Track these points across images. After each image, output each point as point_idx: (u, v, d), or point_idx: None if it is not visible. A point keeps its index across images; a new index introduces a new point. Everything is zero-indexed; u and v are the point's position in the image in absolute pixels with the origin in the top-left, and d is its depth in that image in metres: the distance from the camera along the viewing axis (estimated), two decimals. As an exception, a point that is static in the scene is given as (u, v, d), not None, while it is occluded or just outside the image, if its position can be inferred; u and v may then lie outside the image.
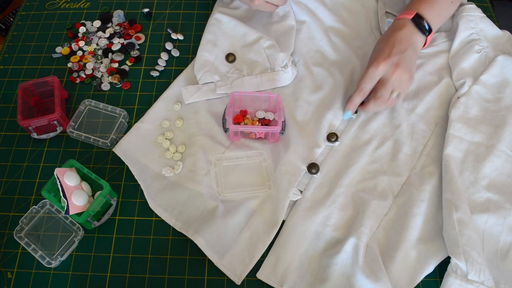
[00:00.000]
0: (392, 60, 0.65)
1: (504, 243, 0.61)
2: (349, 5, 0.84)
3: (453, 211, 0.60)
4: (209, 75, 0.75)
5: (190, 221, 0.64)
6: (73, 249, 0.63)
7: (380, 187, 0.66)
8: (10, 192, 0.68)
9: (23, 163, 0.70)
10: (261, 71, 0.76)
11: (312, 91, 0.75)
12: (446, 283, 0.57)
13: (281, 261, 0.61)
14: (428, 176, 0.66)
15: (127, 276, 0.61)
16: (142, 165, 0.68)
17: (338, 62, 0.78)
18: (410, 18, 0.69)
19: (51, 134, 0.72)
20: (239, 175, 0.67)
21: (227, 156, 0.69)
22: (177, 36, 0.84)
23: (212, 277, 0.61)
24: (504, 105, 0.71)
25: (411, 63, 0.67)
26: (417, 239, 0.61)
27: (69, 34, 0.84)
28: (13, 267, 0.62)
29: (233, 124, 0.68)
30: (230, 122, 0.67)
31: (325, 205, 0.64)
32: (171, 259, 0.63)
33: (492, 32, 0.78)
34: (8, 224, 0.65)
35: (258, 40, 0.77)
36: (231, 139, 0.70)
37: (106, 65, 0.80)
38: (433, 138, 0.70)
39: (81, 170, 0.64)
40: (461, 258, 0.57)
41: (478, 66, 0.75)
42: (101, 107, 0.73)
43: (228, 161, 0.68)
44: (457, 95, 0.72)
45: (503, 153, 0.67)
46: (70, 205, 0.59)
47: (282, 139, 0.70)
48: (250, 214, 0.64)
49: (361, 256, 0.59)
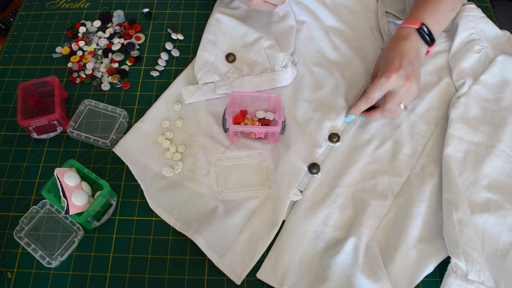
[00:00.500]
0: (403, 72, 0.64)
1: (504, 243, 0.61)
2: (349, 5, 0.84)
3: (453, 211, 0.60)
4: (209, 75, 0.75)
5: (190, 221, 0.64)
6: (73, 249, 0.63)
7: (380, 187, 0.66)
8: (10, 192, 0.68)
9: (23, 163, 0.70)
10: (261, 71, 0.76)
11: (312, 91, 0.75)
12: (446, 283, 0.57)
13: (281, 261, 0.61)
14: (428, 176, 0.66)
15: (127, 276, 0.61)
16: (142, 165, 0.68)
17: (338, 62, 0.78)
18: (415, 28, 0.68)
19: (51, 134, 0.72)
20: (239, 175, 0.67)
21: (227, 156, 0.69)
22: (177, 36, 0.84)
23: (212, 277, 0.61)
24: (504, 105, 0.71)
25: (419, 75, 0.67)
26: (417, 239, 0.61)
27: (69, 34, 0.84)
28: (13, 267, 0.62)
29: (233, 124, 0.68)
30: (230, 122, 0.67)
31: (325, 205, 0.64)
32: (171, 259, 0.63)
33: (492, 32, 0.78)
34: (8, 224, 0.65)
35: (258, 40, 0.77)
36: (231, 139, 0.70)
37: (106, 65, 0.80)
38: (433, 138, 0.70)
39: (81, 170, 0.64)
40: (461, 258, 0.56)
41: (478, 66, 0.75)
42: (101, 107, 0.73)
43: (228, 161, 0.68)
44: (457, 95, 0.72)
45: (503, 153, 0.67)
46: (70, 205, 0.59)
47: (282, 139, 0.70)
48: (250, 214, 0.64)
49: (361, 256, 0.59)
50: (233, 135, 0.70)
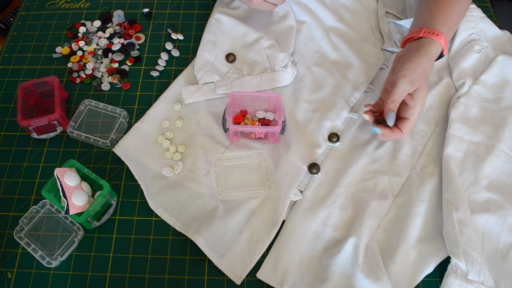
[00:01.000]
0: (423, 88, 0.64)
1: (504, 243, 0.61)
2: (349, 5, 0.84)
3: (453, 211, 0.60)
4: (209, 75, 0.75)
5: (190, 221, 0.64)
6: (73, 249, 0.63)
7: (380, 187, 0.66)
8: (10, 192, 0.68)
9: (23, 163, 0.70)
10: (261, 71, 0.76)
11: (312, 91, 0.75)
12: (446, 283, 0.57)
13: (281, 261, 0.61)
14: (428, 176, 0.66)
15: (127, 276, 0.61)
16: (142, 165, 0.68)
17: (338, 62, 0.78)
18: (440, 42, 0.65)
19: (51, 134, 0.72)
20: (239, 175, 0.67)
21: (227, 156, 0.69)
22: (177, 36, 0.84)
23: (212, 277, 0.61)
24: (504, 105, 0.71)
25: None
26: (417, 239, 0.61)
27: (69, 34, 0.84)
28: (13, 267, 0.62)
29: (233, 124, 0.68)
30: (230, 122, 0.67)
31: (325, 205, 0.64)
32: (171, 259, 0.63)
33: (492, 32, 0.78)
34: (8, 224, 0.65)
35: (258, 40, 0.77)
36: (231, 139, 0.70)
37: (106, 65, 0.80)
38: (433, 138, 0.70)
39: (81, 170, 0.64)
40: (461, 258, 0.56)
41: (478, 66, 0.75)
42: (101, 107, 0.73)
43: (228, 161, 0.68)
44: (457, 95, 0.72)
45: (503, 153, 0.67)
46: (70, 205, 0.59)
47: (282, 139, 0.70)
48: (250, 214, 0.64)
49: (361, 256, 0.59)
50: (233, 135, 0.70)
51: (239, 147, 0.70)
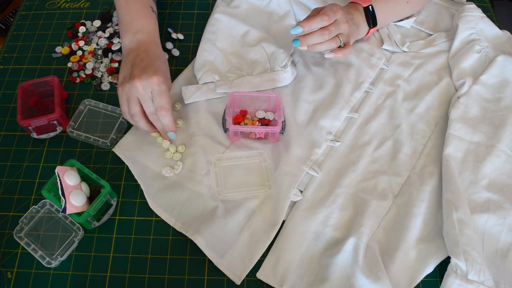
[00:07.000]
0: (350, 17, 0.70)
1: (504, 243, 0.61)
2: (349, 5, 0.84)
3: (453, 211, 0.60)
4: (209, 74, 0.75)
5: (190, 221, 0.64)
6: (73, 249, 0.63)
7: (380, 187, 0.66)
8: (10, 192, 0.68)
9: (23, 163, 0.70)
10: (261, 71, 0.75)
11: (312, 91, 0.75)
12: (446, 283, 0.57)
13: (281, 261, 0.61)
14: (428, 176, 0.66)
15: (127, 276, 0.61)
16: (142, 165, 0.68)
17: (338, 62, 0.78)
18: (363, 6, 0.73)
19: (51, 134, 0.72)
20: (239, 175, 0.67)
21: (227, 156, 0.69)
22: (177, 36, 0.84)
23: (212, 277, 0.61)
24: (504, 105, 0.71)
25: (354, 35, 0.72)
26: (417, 239, 0.61)
27: (69, 33, 0.84)
28: (13, 267, 0.62)
29: (233, 124, 0.68)
30: (230, 122, 0.67)
31: (325, 205, 0.64)
32: (171, 259, 0.63)
33: (492, 32, 0.78)
34: (8, 224, 0.65)
35: (258, 40, 0.77)
36: (231, 139, 0.70)
37: (106, 65, 0.80)
38: (433, 138, 0.70)
39: (81, 170, 0.64)
40: (461, 258, 0.57)
41: (478, 66, 0.75)
42: (101, 107, 0.73)
43: (228, 161, 0.68)
44: (457, 95, 0.72)
45: (503, 153, 0.67)
46: (68, 204, 0.59)
47: (282, 139, 0.70)
48: (250, 214, 0.64)
49: (361, 256, 0.59)
50: (233, 135, 0.70)
51: (239, 147, 0.70)
